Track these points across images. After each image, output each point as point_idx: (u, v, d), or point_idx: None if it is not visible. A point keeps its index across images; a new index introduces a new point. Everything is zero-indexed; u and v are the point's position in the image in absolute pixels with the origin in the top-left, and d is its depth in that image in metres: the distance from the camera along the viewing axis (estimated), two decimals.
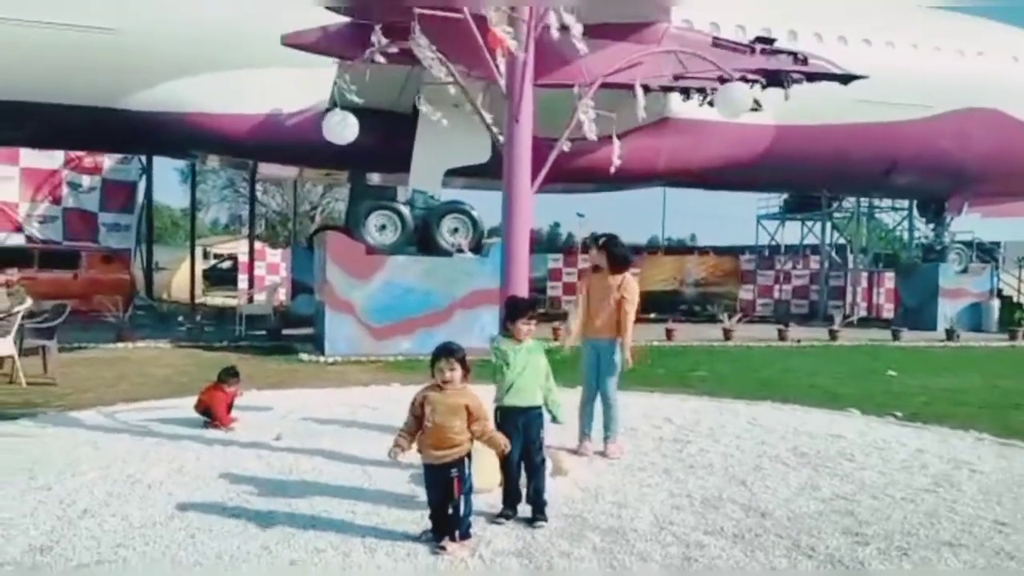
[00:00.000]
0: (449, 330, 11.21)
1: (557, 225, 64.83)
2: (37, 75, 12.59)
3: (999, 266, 21.81)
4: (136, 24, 12.78)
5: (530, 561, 3.71)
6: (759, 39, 12.81)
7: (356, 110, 7.31)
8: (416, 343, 11.66)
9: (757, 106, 12.27)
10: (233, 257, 29.10)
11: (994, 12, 19.54)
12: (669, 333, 15.58)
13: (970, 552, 3.94)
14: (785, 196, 25.99)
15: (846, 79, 13.05)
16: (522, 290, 5.57)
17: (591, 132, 6.53)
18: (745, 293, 24.69)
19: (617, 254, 6.00)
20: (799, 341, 15.76)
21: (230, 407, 6.63)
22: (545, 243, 58.32)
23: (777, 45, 12.75)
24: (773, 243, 28.37)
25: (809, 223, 26.27)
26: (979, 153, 17.59)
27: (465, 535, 3.83)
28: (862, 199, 23.52)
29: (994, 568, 3.77)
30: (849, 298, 24.07)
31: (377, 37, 6.10)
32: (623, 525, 4.23)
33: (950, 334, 16.90)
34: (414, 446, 3.88)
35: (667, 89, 10.70)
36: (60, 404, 7.58)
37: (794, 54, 12.59)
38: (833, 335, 16.29)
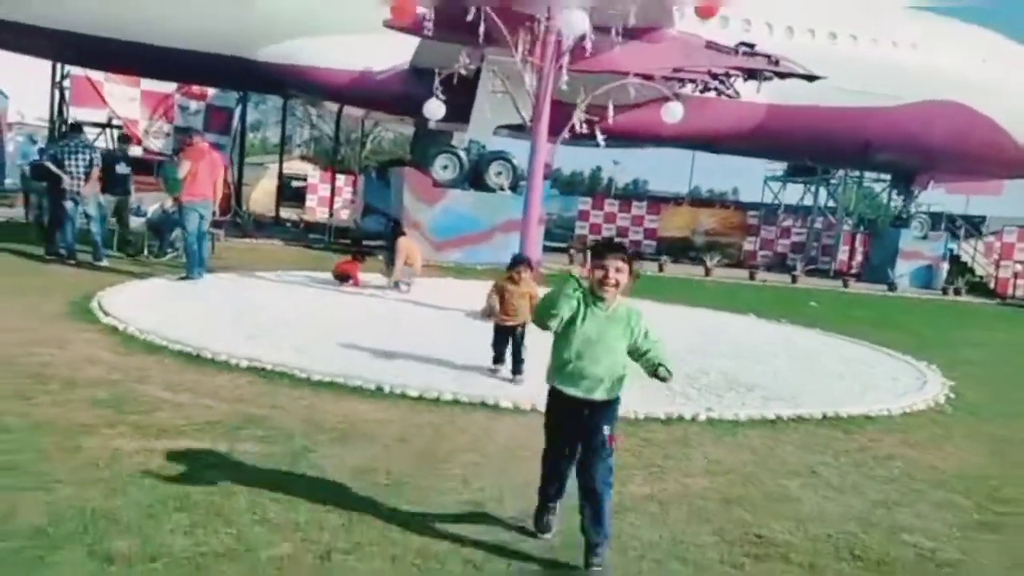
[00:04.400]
0: (490, 247, 15.23)
1: (599, 169, 73.06)
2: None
3: (959, 236, 25.31)
4: None
5: None
6: (742, 43, 16.49)
7: (428, 70, 11.10)
8: (465, 255, 15.78)
9: (735, 94, 16.09)
10: (304, 178, 33.27)
11: (963, 13, 22.50)
12: (661, 267, 19.51)
13: (735, 358, 8.03)
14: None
15: (810, 78, 16.73)
16: (535, 217, 9.53)
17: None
18: (748, 244, 28.17)
19: None
20: (764, 282, 19.61)
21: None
22: (587, 185, 66.31)
23: (757, 49, 16.47)
24: (777, 202, 31.83)
25: (811, 187, 29.65)
26: (940, 137, 20.91)
27: (520, 371, 6.32)
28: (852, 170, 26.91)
29: (743, 363, 7.84)
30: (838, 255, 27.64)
31: (463, 58, 10.06)
32: None
33: (890, 286, 20.63)
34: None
35: (668, 79, 14.61)
36: (242, 268, 11.82)
37: (768, 56, 16.28)
38: (794, 279, 20.10)
